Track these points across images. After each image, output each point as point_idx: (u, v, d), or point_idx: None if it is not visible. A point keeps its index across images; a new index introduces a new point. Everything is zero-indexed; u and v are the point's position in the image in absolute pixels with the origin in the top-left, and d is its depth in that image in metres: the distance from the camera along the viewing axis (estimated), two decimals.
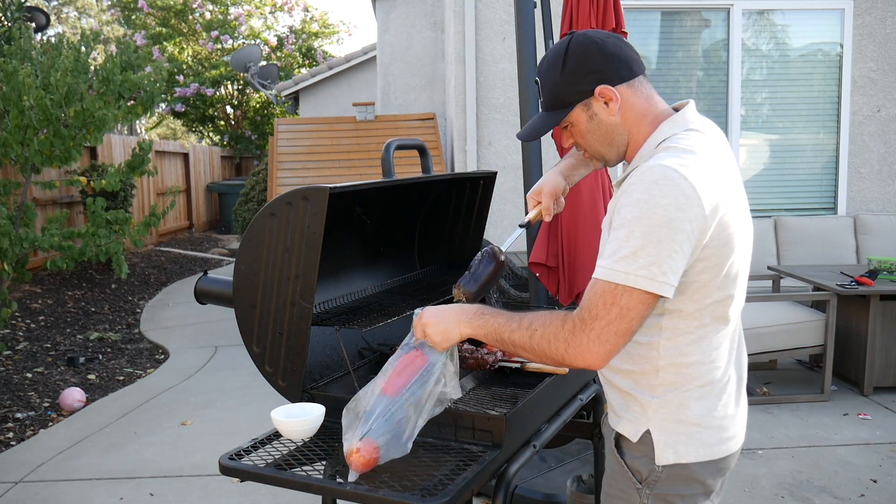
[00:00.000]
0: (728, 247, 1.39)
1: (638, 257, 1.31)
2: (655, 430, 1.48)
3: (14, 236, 5.01)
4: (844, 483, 3.52)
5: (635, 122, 1.51)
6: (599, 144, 1.55)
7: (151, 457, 4.02)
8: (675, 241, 1.31)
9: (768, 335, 4.58)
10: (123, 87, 5.65)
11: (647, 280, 1.31)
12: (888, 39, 6.50)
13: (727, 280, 1.42)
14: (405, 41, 8.48)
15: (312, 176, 7.06)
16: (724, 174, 1.41)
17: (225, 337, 6.58)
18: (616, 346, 1.34)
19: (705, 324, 1.44)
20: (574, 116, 1.52)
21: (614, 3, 3.62)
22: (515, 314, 1.46)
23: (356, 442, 1.53)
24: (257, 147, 17.69)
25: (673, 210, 1.31)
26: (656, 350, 1.46)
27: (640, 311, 1.33)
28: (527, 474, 3.29)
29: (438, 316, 1.56)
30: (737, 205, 1.43)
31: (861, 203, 6.64)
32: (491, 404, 1.92)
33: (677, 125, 1.48)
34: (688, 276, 1.38)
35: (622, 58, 1.49)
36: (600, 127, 1.52)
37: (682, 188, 1.32)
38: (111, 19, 23.07)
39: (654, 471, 1.49)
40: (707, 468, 1.49)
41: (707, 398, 1.48)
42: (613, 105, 1.48)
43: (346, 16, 50.80)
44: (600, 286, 1.34)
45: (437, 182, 2.52)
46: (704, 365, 1.47)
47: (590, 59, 1.48)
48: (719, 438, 1.49)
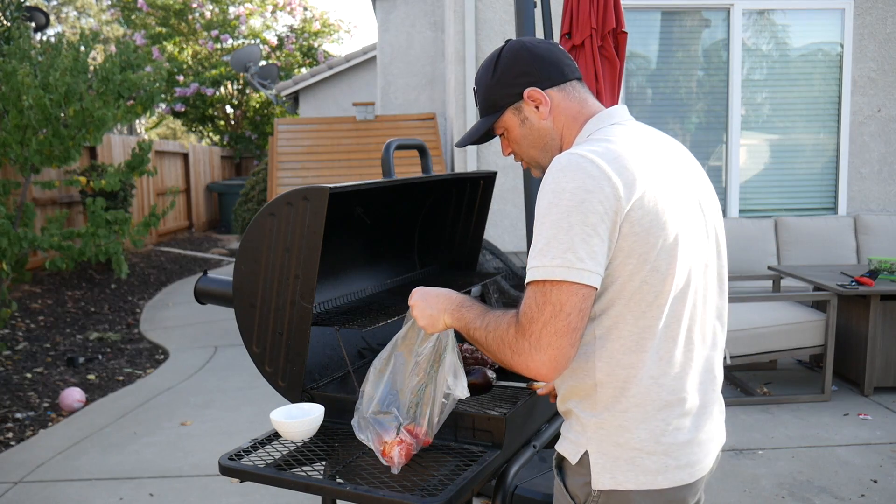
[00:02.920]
0: (653, 236, 1.28)
1: (551, 247, 1.25)
2: (593, 452, 1.38)
3: (13, 236, 5.01)
4: (845, 483, 3.52)
5: (567, 125, 1.48)
6: (534, 150, 1.52)
7: (151, 457, 4.02)
8: (586, 223, 1.24)
9: (768, 335, 4.58)
10: (123, 86, 5.65)
11: (565, 269, 1.23)
12: (888, 39, 6.50)
13: (658, 276, 1.31)
14: (405, 41, 8.48)
15: (312, 176, 7.06)
16: (648, 161, 1.33)
17: (225, 337, 6.58)
18: (559, 349, 1.24)
19: (642, 330, 1.33)
20: (507, 121, 1.52)
21: (614, 3, 3.62)
22: (484, 310, 1.41)
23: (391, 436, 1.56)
24: (257, 147, 17.70)
25: (581, 192, 1.25)
26: (591, 362, 1.37)
27: (576, 304, 1.24)
28: (527, 474, 3.29)
29: (427, 300, 1.53)
30: (671, 196, 1.33)
31: (861, 203, 6.64)
32: (491, 404, 1.92)
33: (602, 120, 1.45)
34: (610, 267, 1.30)
35: (552, 61, 1.48)
36: (532, 132, 1.50)
37: (588, 170, 1.27)
38: (111, 19, 23.07)
39: (590, 495, 1.39)
40: (651, 498, 1.36)
41: (651, 421, 1.35)
42: (543, 108, 1.47)
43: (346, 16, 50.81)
44: (530, 289, 1.28)
45: (437, 182, 2.51)
46: (646, 381, 1.35)
47: (519, 62, 1.48)
48: (664, 466, 1.36)
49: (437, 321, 1.50)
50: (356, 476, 1.60)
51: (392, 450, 1.55)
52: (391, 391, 1.62)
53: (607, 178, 1.26)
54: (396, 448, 1.55)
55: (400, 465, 1.56)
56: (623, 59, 3.67)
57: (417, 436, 1.58)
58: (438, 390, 1.58)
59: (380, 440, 1.58)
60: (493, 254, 5.57)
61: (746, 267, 6.00)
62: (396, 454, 1.55)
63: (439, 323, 1.50)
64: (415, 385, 1.60)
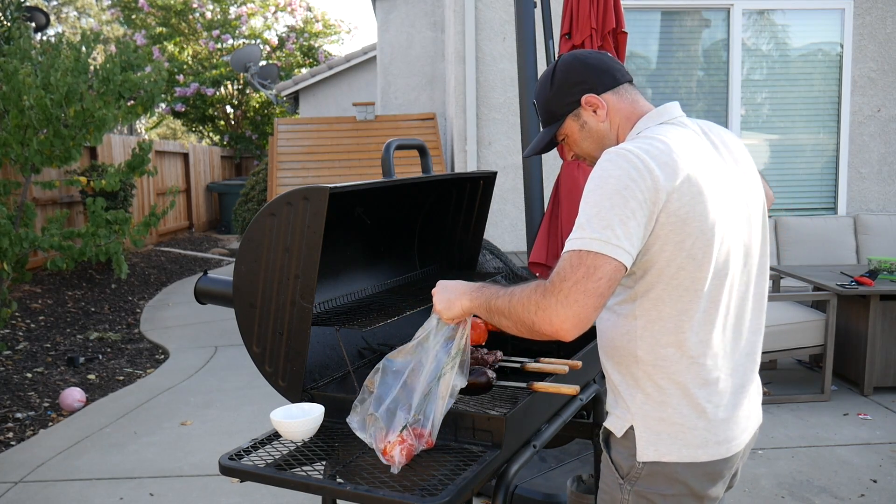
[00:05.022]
0: (689, 225, 1.39)
1: (592, 223, 1.35)
2: (638, 426, 1.50)
3: (14, 236, 5.01)
4: (844, 483, 3.52)
5: (622, 124, 1.60)
6: (594, 150, 1.63)
7: (151, 457, 4.02)
8: (626, 207, 1.35)
9: (768, 335, 4.58)
10: (123, 87, 5.65)
11: (601, 243, 1.33)
12: (888, 39, 6.50)
13: (693, 263, 1.41)
14: (405, 41, 8.48)
15: (312, 176, 7.06)
16: (689, 156, 1.43)
17: (225, 337, 6.58)
18: (584, 308, 1.31)
19: (680, 313, 1.44)
20: (567, 128, 1.64)
21: (614, 3, 3.63)
22: (508, 286, 1.50)
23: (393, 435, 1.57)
24: (257, 147, 17.69)
25: (625, 179, 1.36)
26: (634, 341, 1.48)
27: (608, 272, 1.32)
28: (527, 474, 3.29)
29: (447, 288, 1.62)
30: (710, 188, 1.43)
31: (861, 203, 6.64)
32: (491, 404, 1.92)
33: (652, 119, 1.57)
34: (649, 253, 1.41)
35: (604, 68, 1.61)
36: (592, 134, 1.62)
37: (633, 162, 1.38)
38: (111, 19, 23.06)
39: (634, 466, 1.50)
40: (691, 470, 1.47)
41: (692, 398, 1.47)
42: (601, 111, 1.60)
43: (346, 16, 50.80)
44: (565, 256, 1.37)
45: (437, 182, 2.52)
46: (685, 360, 1.45)
47: (574, 72, 1.61)
48: (705, 441, 1.48)
49: (454, 304, 1.59)
50: (356, 476, 1.61)
51: (394, 449, 1.56)
52: (405, 390, 1.63)
53: (649, 171, 1.37)
54: (398, 447, 1.56)
55: (400, 464, 1.56)
56: (623, 60, 3.67)
57: (422, 436, 1.59)
58: (446, 391, 1.60)
59: (382, 439, 1.58)
60: (493, 254, 5.57)
61: None
62: (398, 454, 1.55)
63: (456, 306, 1.58)
64: (429, 386, 1.61)
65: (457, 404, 1.94)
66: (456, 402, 1.95)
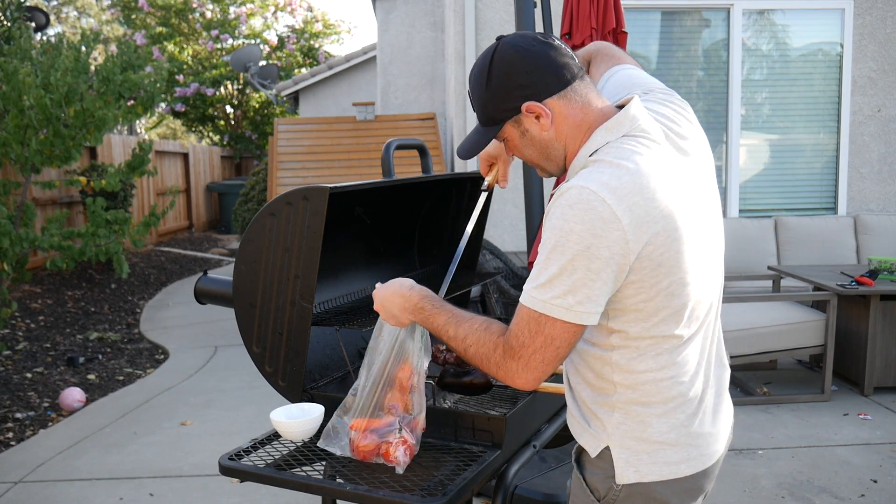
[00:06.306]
0: (663, 267, 1.29)
1: (553, 286, 1.27)
2: (615, 446, 1.41)
3: (14, 236, 5.01)
4: (844, 483, 3.52)
5: (570, 133, 1.41)
6: (537, 158, 1.48)
7: (151, 457, 4.02)
8: (590, 269, 1.25)
9: (768, 335, 4.58)
10: (123, 87, 5.65)
11: (563, 310, 1.27)
12: (888, 39, 6.50)
13: (670, 298, 1.33)
14: (405, 41, 8.48)
15: (312, 176, 7.06)
16: (663, 185, 1.30)
17: (225, 337, 6.58)
18: (545, 371, 1.33)
19: (658, 342, 1.36)
20: (507, 133, 1.46)
21: (614, 3, 3.63)
22: (454, 316, 1.44)
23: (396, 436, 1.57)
24: (257, 147, 17.69)
25: (588, 237, 1.24)
26: (610, 366, 1.39)
27: (566, 339, 1.30)
28: (527, 474, 3.29)
29: (384, 304, 1.56)
30: (684, 217, 1.32)
31: (861, 203, 6.64)
32: (491, 404, 1.92)
33: (611, 132, 1.36)
34: (621, 300, 1.32)
35: (549, 68, 1.38)
36: (535, 143, 1.44)
37: (599, 212, 1.24)
38: (111, 19, 23.05)
39: (612, 489, 1.42)
40: (671, 487, 1.41)
41: (672, 415, 1.39)
42: (544, 120, 1.40)
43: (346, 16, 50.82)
44: (525, 312, 1.31)
45: (437, 182, 2.52)
46: (665, 381, 1.38)
47: (514, 73, 1.38)
48: (686, 457, 1.41)
49: (400, 320, 1.55)
50: (356, 476, 1.60)
51: (396, 450, 1.55)
52: (381, 391, 1.62)
53: (617, 221, 1.24)
54: (400, 448, 1.55)
55: (405, 464, 1.56)
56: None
57: (415, 427, 1.59)
58: (421, 375, 1.59)
59: (383, 444, 1.58)
60: (493, 254, 5.57)
61: (746, 267, 5.99)
62: (401, 454, 1.55)
63: (404, 321, 1.55)
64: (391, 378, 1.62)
65: (457, 404, 1.94)
66: (456, 402, 1.95)
